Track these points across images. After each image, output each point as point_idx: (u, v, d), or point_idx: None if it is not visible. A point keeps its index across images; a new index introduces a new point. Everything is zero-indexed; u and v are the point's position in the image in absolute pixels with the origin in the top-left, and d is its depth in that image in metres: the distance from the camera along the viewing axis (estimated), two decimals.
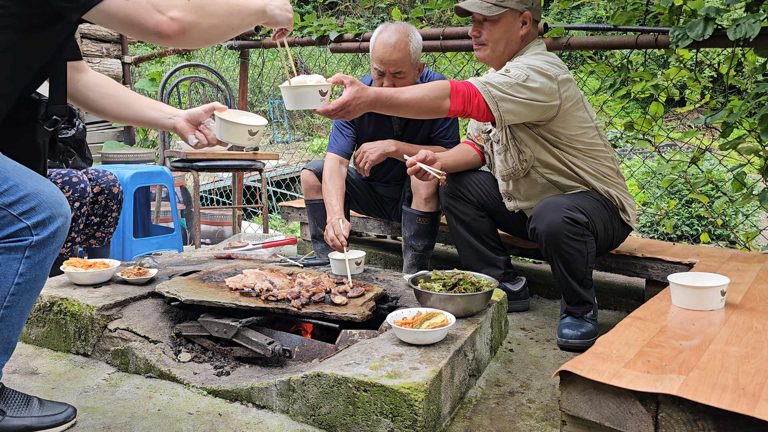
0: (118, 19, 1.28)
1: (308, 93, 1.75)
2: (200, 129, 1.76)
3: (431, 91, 1.94)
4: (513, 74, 2.05)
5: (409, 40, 2.44)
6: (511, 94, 2.02)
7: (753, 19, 2.38)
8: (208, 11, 1.36)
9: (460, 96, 1.98)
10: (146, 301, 2.10)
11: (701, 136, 3.62)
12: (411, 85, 1.97)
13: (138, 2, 1.27)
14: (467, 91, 1.99)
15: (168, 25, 1.29)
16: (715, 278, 1.72)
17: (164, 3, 1.29)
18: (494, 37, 2.23)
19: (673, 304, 1.70)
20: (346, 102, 1.82)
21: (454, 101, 1.96)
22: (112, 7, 1.27)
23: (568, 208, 2.07)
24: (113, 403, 1.70)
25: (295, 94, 1.76)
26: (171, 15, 1.29)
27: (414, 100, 1.92)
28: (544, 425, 1.62)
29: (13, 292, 1.39)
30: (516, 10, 2.21)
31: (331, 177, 2.59)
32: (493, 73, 2.11)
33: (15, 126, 1.52)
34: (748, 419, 1.06)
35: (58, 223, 1.41)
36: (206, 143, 1.75)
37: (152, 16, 1.28)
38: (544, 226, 2.08)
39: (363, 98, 1.84)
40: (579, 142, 2.23)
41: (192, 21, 1.33)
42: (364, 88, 1.85)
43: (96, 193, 2.75)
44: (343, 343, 1.82)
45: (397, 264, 3.25)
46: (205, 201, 6.46)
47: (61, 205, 1.42)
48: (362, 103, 1.85)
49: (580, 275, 2.14)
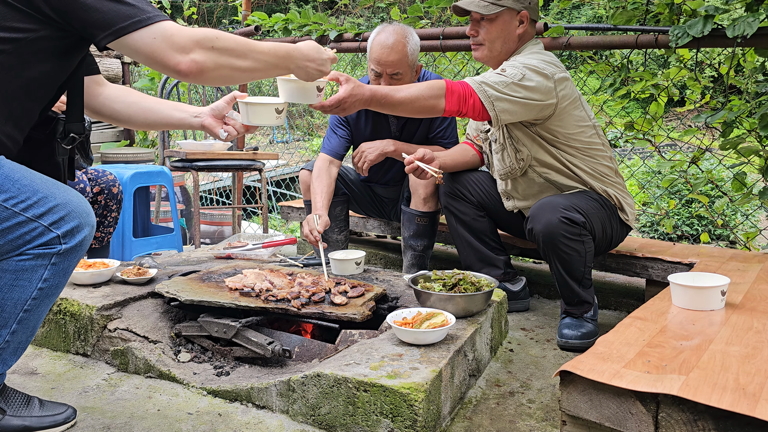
0: (143, 54, 1.34)
1: (305, 87, 1.74)
2: (226, 121, 1.78)
3: (426, 91, 1.95)
4: (509, 73, 2.06)
5: (407, 41, 2.44)
6: (507, 94, 2.02)
7: (752, 18, 2.40)
8: (230, 59, 1.40)
9: (456, 96, 1.98)
10: (146, 301, 2.09)
11: (701, 136, 3.62)
12: (408, 85, 1.97)
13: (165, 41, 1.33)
14: (462, 91, 1.99)
15: (187, 66, 1.34)
16: (716, 278, 1.72)
17: (189, 44, 1.34)
18: (491, 36, 2.23)
19: (674, 304, 1.70)
20: (342, 98, 1.83)
21: (449, 101, 1.97)
22: (139, 42, 1.32)
23: (565, 208, 2.07)
24: (113, 403, 1.70)
25: (292, 87, 1.75)
26: (192, 57, 1.34)
27: (409, 99, 1.93)
28: (544, 425, 1.62)
29: (35, 297, 1.41)
30: (513, 9, 2.21)
31: (318, 176, 2.60)
32: (489, 73, 2.11)
33: (35, 146, 1.55)
34: (749, 419, 1.06)
35: (85, 233, 1.43)
36: (236, 134, 1.78)
37: (174, 56, 1.33)
38: (541, 226, 2.08)
39: (359, 95, 1.85)
40: (577, 141, 2.22)
41: (212, 66, 1.37)
42: (360, 85, 1.86)
43: (95, 193, 2.75)
44: (343, 343, 1.82)
45: (397, 264, 3.25)
46: (205, 201, 6.45)
47: (89, 215, 1.45)
48: (358, 100, 1.86)
49: (579, 275, 2.14)
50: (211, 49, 1.36)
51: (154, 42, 1.32)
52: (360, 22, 11.41)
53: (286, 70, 1.55)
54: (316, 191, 2.56)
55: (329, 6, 9.49)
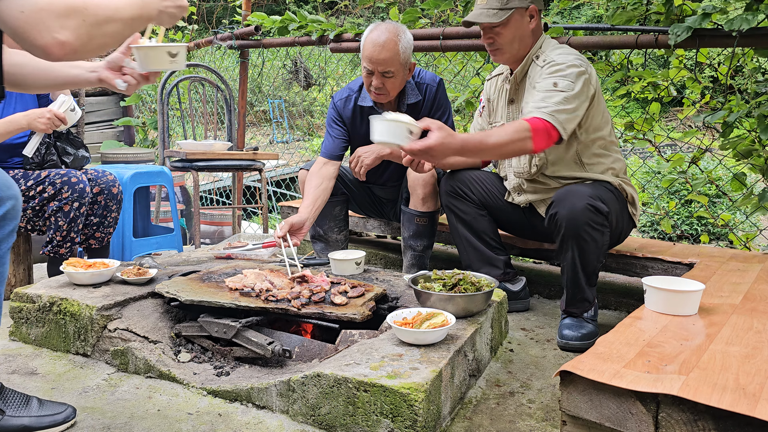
0: (9, 27, 1.22)
1: (399, 128, 1.82)
2: (124, 71, 1.67)
3: (514, 135, 1.99)
4: (562, 86, 2.10)
5: (399, 39, 2.44)
6: (570, 111, 2.08)
7: (751, 15, 2.41)
8: (101, 28, 1.30)
9: (540, 134, 2.03)
10: (146, 301, 2.09)
11: (701, 136, 3.62)
12: (494, 131, 2.04)
13: (32, 16, 1.21)
14: (544, 127, 2.04)
15: (57, 48, 1.24)
16: (686, 283, 1.70)
17: (57, 23, 1.23)
18: (507, 39, 2.24)
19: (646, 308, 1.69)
20: (432, 146, 1.85)
21: (536, 141, 2.01)
22: (5, 12, 1.20)
23: (591, 196, 2.08)
24: (113, 403, 1.70)
25: (388, 126, 1.82)
26: (61, 38, 1.24)
27: (500, 145, 1.99)
28: (544, 425, 1.62)
29: None
30: (521, 8, 2.22)
31: (309, 179, 2.62)
32: (546, 94, 2.11)
33: None
34: (749, 419, 1.06)
35: (7, 206, 1.38)
36: (135, 83, 1.67)
37: (42, 35, 1.23)
38: (566, 211, 2.07)
39: (448, 145, 1.88)
40: (599, 131, 2.26)
41: (86, 40, 1.28)
42: (451, 134, 1.89)
43: (95, 193, 2.75)
44: (343, 344, 1.82)
45: (397, 264, 3.25)
46: (205, 201, 6.45)
47: (9, 188, 1.40)
48: (448, 149, 1.90)
49: (591, 268, 2.14)
50: (82, 23, 1.26)
51: (21, 16, 1.20)
52: (360, 22, 11.40)
53: (149, 19, 1.47)
54: (304, 193, 2.60)
55: (329, 6, 9.49)
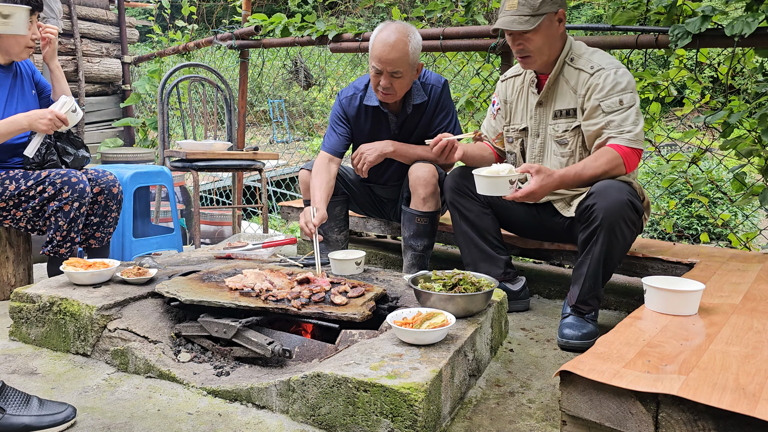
0: None
1: (501, 182, 2.03)
2: None
3: (607, 165, 2.11)
4: (627, 103, 2.17)
5: (408, 40, 2.43)
6: (638, 124, 2.16)
7: (751, 17, 2.40)
8: None
9: (630, 157, 2.14)
10: (146, 301, 2.09)
11: (701, 136, 3.62)
12: (587, 164, 2.13)
13: None
14: (629, 151, 2.14)
15: None
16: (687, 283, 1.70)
17: None
18: (537, 45, 2.24)
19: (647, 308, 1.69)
20: (533, 191, 2.05)
21: (628, 164, 2.14)
22: None
23: (630, 193, 2.10)
24: (113, 403, 1.70)
25: (490, 182, 2.05)
26: None
27: (597, 176, 2.12)
28: (544, 425, 1.61)
29: None
30: (551, 12, 2.22)
31: (317, 173, 2.60)
32: (620, 116, 2.15)
33: None
34: (748, 419, 1.06)
35: None
36: None
37: None
38: (607, 203, 2.06)
39: (548, 184, 2.07)
40: None
41: None
42: (549, 175, 2.06)
43: (95, 193, 2.75)
44: (343, 343, 1.82)
45: (397, 264, 3.24)
46: (205, 201, 6.45)
47: None
48: (548, 189, 2.07)
49: (612, 266, 2.14)
50: None
51: None
52: (360, 22, 11.40)
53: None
54: (314, 186, 2.56)
55: (329, 6, 9.49)
